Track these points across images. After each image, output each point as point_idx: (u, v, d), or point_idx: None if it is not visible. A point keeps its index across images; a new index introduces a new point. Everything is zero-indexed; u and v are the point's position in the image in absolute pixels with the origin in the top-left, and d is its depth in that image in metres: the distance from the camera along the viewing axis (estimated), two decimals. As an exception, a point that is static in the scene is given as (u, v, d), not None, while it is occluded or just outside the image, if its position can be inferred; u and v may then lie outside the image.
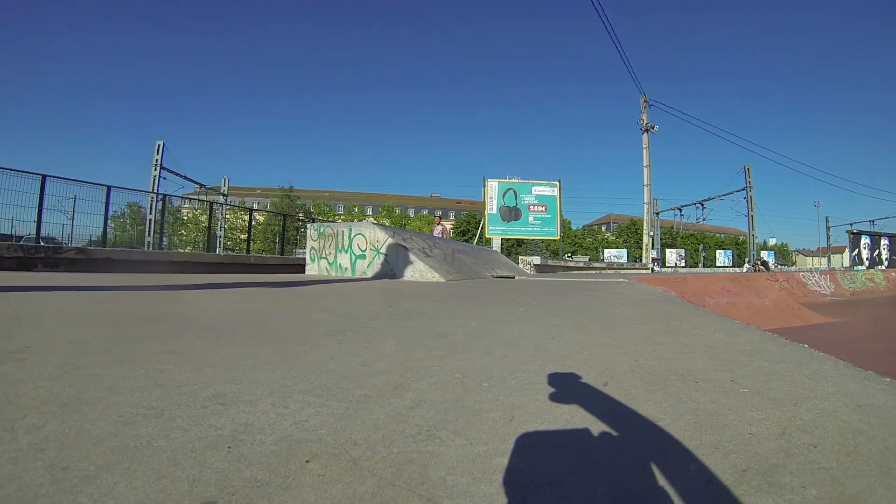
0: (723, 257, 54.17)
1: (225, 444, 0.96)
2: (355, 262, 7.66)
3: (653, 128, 31.68)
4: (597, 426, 1.10)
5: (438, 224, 11.50)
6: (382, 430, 1.06)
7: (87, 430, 0.99)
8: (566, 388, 1.42)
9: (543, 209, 31.41)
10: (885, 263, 37.13)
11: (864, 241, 37.82)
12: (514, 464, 0.91)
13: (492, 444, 1.00)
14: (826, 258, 45.23)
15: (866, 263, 36.21)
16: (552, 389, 1.40)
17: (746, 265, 36.85)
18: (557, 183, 31.84)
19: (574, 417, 1.16)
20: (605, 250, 51.40)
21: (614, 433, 1.06)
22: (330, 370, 1.57)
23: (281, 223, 24.44)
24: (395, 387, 1.39)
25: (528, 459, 0.93)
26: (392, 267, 7.17)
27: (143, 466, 0.85)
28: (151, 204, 18.90)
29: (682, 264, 49.60)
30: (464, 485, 0.83)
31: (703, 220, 36.02)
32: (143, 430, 1.00)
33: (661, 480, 0.85)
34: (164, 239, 19.63)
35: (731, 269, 46.25)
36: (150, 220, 18.79)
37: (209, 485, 0.80)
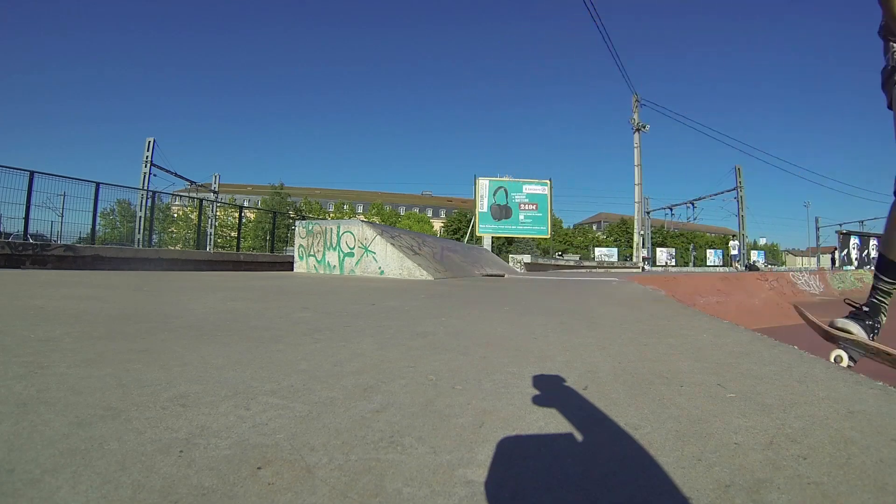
0: (713, 256, 54.49)
1: (178, 447, 0.91)
2: (343, 260, 7.61)
3: (644, 127, 31.88)
4: (571, 435, 1.04)
5: None
6: (343, 435, 1.00)
7: (40, 431, 0.95)
8: (543, 391, 1.37)
9: (534, 207, 31.51)
10: (874, 264, 37.47)
11: (854, 241, 38.13)
12: (478, 475, 0.84)
13: (457, 452, 0.93)
14: (816, 258, 45.70)
15: (855, 263, 36.50)
16: (528, 393, 1.34)
17: (738, 265, 37.13)
18: (548, 181, 31.96)
19: (548, 424, 1.10)
20: (596, 249, 51.65)
21: (589, 443, 1.00)
22: (300, 370, 1.51)
23: (271, 221, 24.39)
24: (365, 389, 1.34)
25: (494, 471, 0.87)
26: (380, 265, 7.12)
27: (89, 470, 0.80)
28: (141, 201, 18.81)
29: (673, 263, 49.90)
30: (420, 498, 0.77)
31: (694, 219, 36.25)
32: (97, 432, 0.96)
33: (637, 497, 0.79)
34: (154, 236, 19.54)
35: (721, 268, 46.49)
36: (140, 217, 18.69)
37: (153, 491, 0.75)
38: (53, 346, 1.71)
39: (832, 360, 2.79)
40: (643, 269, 31.70)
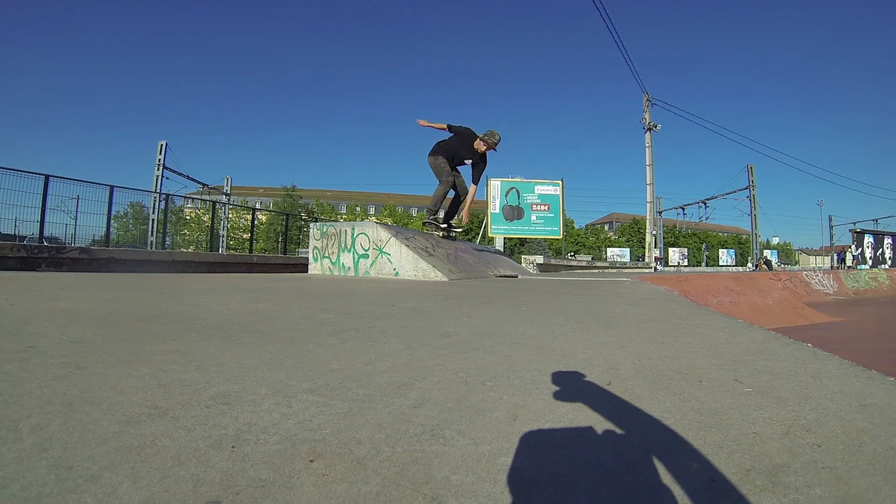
0: (726, 256, 54.08)
1: (229, 443, 0.95)
2: (358, 262, 7.62)
3: (655, 126, 31.75)
4: (600, 425, 1.10)
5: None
6: (386, 429, 1.06)
7: (90, 429, 0.99)
8: (570, 387, 1.43)
9: (546, 208, 31.38)
10: (889, 262, 36.93)
11: (868, 239, 37.58)
12: (519, 463, 0.91)
13: (496, 443, 1.00)
14: (830, 257, 45.22)
15: (869, 262, 36.01)
16: (556, 388, 1.40)
17: (750, 264, 36.81)
18: (560, 182, 31.81)
19: (578, 416, 1.16)
20: (608, 249, 51.48)
21: (618, 432, 1.06)
22: (334, 370, 1.56)
23: (283, 223, 24.47)
24: (399, 386, 1.39)
25: (532, 459, 0.93)
26: (395, 266, 7.14)
27: (147, 466, 0.84)
28: (154, 204, 18.96)
29: (685, 263, 49.60)
30: (468, 484, 0.83)
31: (706, 219, 35.90)
32: (147, 430, 1.00)
33: (666, 479, 0.85)
34: (167, 238, 19.68)
35: (734, 267, 46.11)
36: (153, 219, 18.85)
37: (213, 484, 0.80)
38: (87, 348, 1.74)
39: None
40: (655, 269, 31.55)
